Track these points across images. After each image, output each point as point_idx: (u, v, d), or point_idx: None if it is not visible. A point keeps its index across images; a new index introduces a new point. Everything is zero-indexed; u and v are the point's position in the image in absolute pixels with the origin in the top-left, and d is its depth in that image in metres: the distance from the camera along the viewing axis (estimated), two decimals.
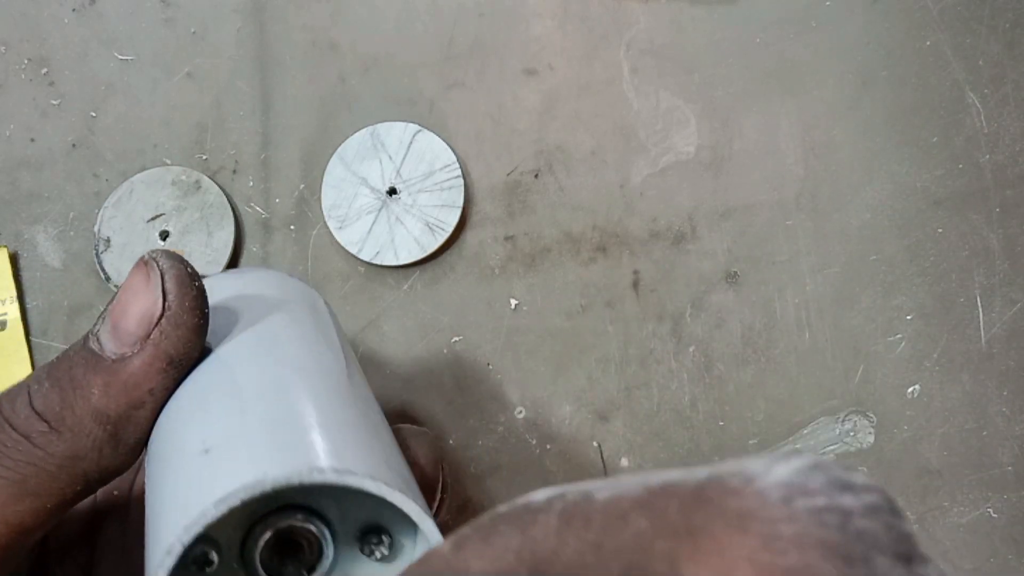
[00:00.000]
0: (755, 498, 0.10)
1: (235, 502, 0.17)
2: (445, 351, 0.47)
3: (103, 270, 0.46)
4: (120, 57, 0.48)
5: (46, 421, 0.20)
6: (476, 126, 0.48)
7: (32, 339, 0.46)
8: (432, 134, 0.47)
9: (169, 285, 0.21)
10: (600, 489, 0.11)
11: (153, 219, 0.46)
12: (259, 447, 0.18)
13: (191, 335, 0.21)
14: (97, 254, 0.46)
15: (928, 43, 0.48)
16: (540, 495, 0.11)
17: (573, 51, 0.48)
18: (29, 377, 0.21)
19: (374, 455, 0.19)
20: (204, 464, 0.18)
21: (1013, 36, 0.48)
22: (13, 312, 0.46)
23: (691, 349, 0.47)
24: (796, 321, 0.47)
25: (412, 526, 0.20)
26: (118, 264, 0.46)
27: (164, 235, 0.46)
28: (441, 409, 0.47)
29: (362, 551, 0.20)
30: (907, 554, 0.10)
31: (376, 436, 0.20)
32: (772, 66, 0.48)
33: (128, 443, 0.21)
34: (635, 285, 0.47)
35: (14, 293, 0.46)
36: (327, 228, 0.46)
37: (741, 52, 0.48)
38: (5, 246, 0.46)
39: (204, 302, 0.21)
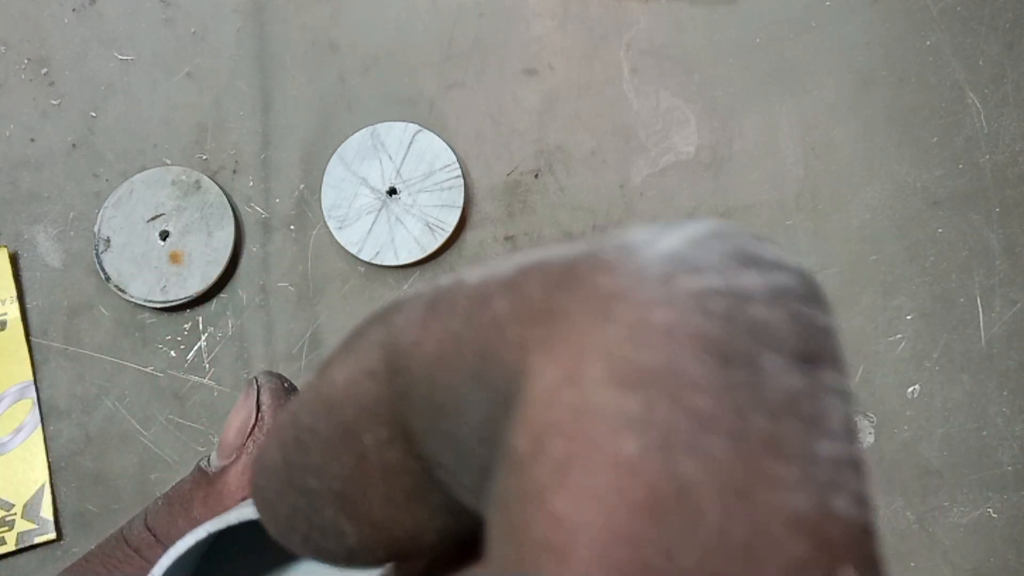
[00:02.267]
0: (630, 276, 0.08)
1: (202, 534, 0.18)
2: None
3: (103, 270, 0.46)
4: (120, 57, 0.48)
5: (154, 535, 0.21)
6: (476, 126, 0.48)
7: (32, 339, 0.46)
8: (432, 134, 0.47)
9: (263, 397, 0.22)
10: (474, 272, 0.09)
11: (153, 219, 0.46)
12: None
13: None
14: (97, 254, 0.46)
15: (928, 43, 0.48)
16: (412, 291, 0.10)
17: (573, 51, 0.48)
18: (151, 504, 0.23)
19: None
20: None
21: (1013, 36, 0.48)
22: (13, 312, 0.46)
23: None
24: None
25: None
26: (118, 264, 0.46)
27: (164, 235, 0.46)
28: None
29: None
30: (810, 354, 0.08)
31: None
32: (772, 66, 0.48)
33: None
34: None
35: (14, 293, 0.46)
36: (327, 228, 0.46)
37: (741, 52, 0.48)
38: (5, 246, 0.46)
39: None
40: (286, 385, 0.23)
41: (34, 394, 0.46)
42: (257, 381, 0.22)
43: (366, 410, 0.10)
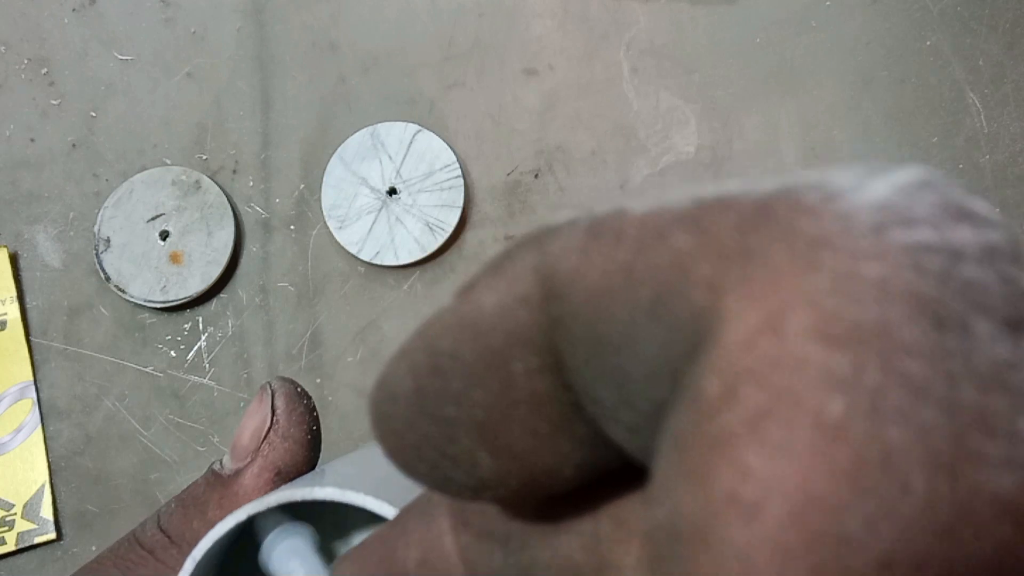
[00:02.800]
0: (836, 221, 0.07)
1: (242, 516, 0.19)
2: None
3: (103, 270, 0.46)
4: (120, 57, 0.48)
5: (168, 537, 0.22)
6: (476, 126, 0.48)
7: (32, 339, 0.46)
8: (432, 134, 0.47)
9: (278, 402, 0.22)
10: (640, 202, 0.09)
11: (153, 219, 0.46)
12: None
13: (298, 448, 0.22)
14: (97, 254, 0.46)
15: (928, 43, 0.48)
16: (564, 215, 0.09)
17: (573, 51, 0.48)
18: (163, 506, 0.23)
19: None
20: None
21: (1013, 36, 0.48)
22: (13, 312, 0.46)
23: None
24: None
25: None
26: (118, 264, 0.46)
27: (164, 235, 0.46)
28: None
29: None
30: (1018, 321, 0.07)
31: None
32: (772, 66, 0.48)
33: None
34: None
35: (14, 293, 0.46)
36: (327, 228, 0.46)
37: (741, 52, 0.48)
38: (5, 246, 0.46)
39: (312, 419, 0.23)
40: (299, 390, 0.23)
41: (34, 394, 0.46)
42: (271, 386, 0.23)
43: (517, 337, 0.09)
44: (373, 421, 0.11)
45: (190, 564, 0.19)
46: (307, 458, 0.23)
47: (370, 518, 0.20)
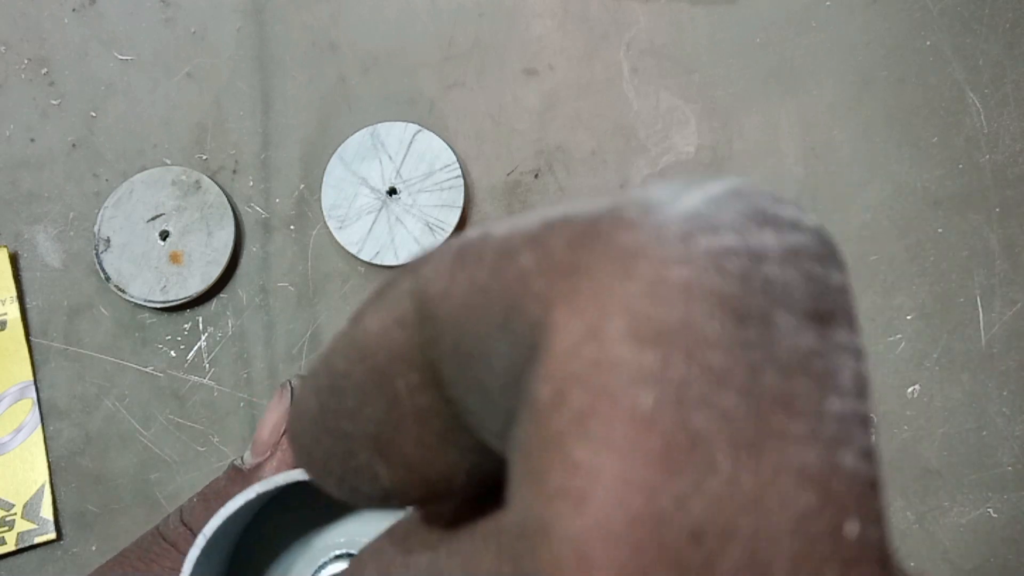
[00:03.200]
0: (650, 233, 0.08)
1: (251, 495, 0.20)
2: None
3: (103, 270, 0.46)
4: (120, 57, 0.48)
5: (191, 530, 0.22)
6: (476, 126, 0.48)
7: (32, 339, 0.46)
8: (432, 134, 0.47)
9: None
10: (500, 225, 0.09)
11: (153, 219, 0.46)
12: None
13: None
14: (97, 254, 0.46)
15: (928, 43, 0.48)
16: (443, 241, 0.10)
17: (573, 51, 0.48)
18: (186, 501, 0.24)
19: None
20: None
21: (1013, 36, 0.48)
22: (13, 312, 0.46)
23: None
24: None
25: None
26: (118, 264, 0.46)
27: (164, 235, 0.46)
28: None
29: None
30: (823, 313, 0.08)
31: None
32: (772, 66, 0.48)
33: None
34: None
35: (14, 293, 0.46)
36: (327, 228, 0.46)
37: (741, 52, 0.48)
38: (5, 246, 0.46)
39: None
40: None
41: (34, 394, 0.46)
42: (291, 383, 0.24)
43: (398, 356, 0.10)
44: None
45: (201, 540, 0.19)
46: None
47: None
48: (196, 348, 0.46)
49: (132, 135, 0.47)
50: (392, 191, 0.46)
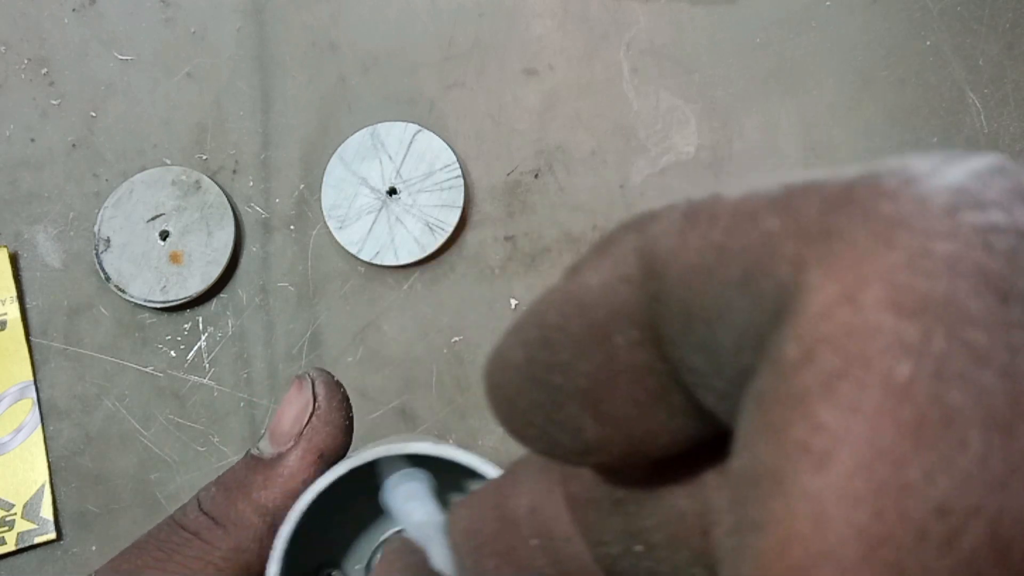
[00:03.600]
0: (912, 204, 0.08)
1: (332, 477, 0.21)
2: (445, 351, 0.47)
3: (103, 270, 0.46)
4: (120, 57, 0.48)
5: (213, 519, 0.22)
6: (476, 126, 0.48)
7: (32, 339, 0.46)
8: (432, 134, 0.47)
9: (318, 388, 0.24)
10: (732, 189, 0.09)
11: (153, 219, 0.46)
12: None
13: (338, 433, 0.24)
14: (97, 254, 0.46)
15: (928, 43, 0.48)
16: (663, 203, 0.10)
17: (573, 51, 0.48)
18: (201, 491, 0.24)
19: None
20: None
21: (1013, 36, 0.48)
22: (13, 312, 0.46)
23: None
24: None
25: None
26: (118, 264, 0.46)
27: (164, 235, 0.46)
28: (441, 409, 0.47)
29: None
30: None
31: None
32: (772, 66, 0.48)
33: None
34: None
35: (14, 293, 0.46)
36: (327, 228, 0.46)
37: (741, 52, 0.48)
38: (5, 246, 0.46)
39: (349, 406, 0.24)
40: (336, 379, 0.24)
41: (34, 394, 0.46)
42: (310, 375, 0.24)
43: (619, 312, 0.10)
44: (487, 390, 0.12)
45: (281, 543, 0.20)
46: (345, 443, 0.24)
47: (453, 478, 0.22)
48: (196, 348, 0.46)
49: (132, 135, 0.47)
50: (392, 191, 0.46)
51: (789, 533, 0.07)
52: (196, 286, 0.45)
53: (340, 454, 0.24)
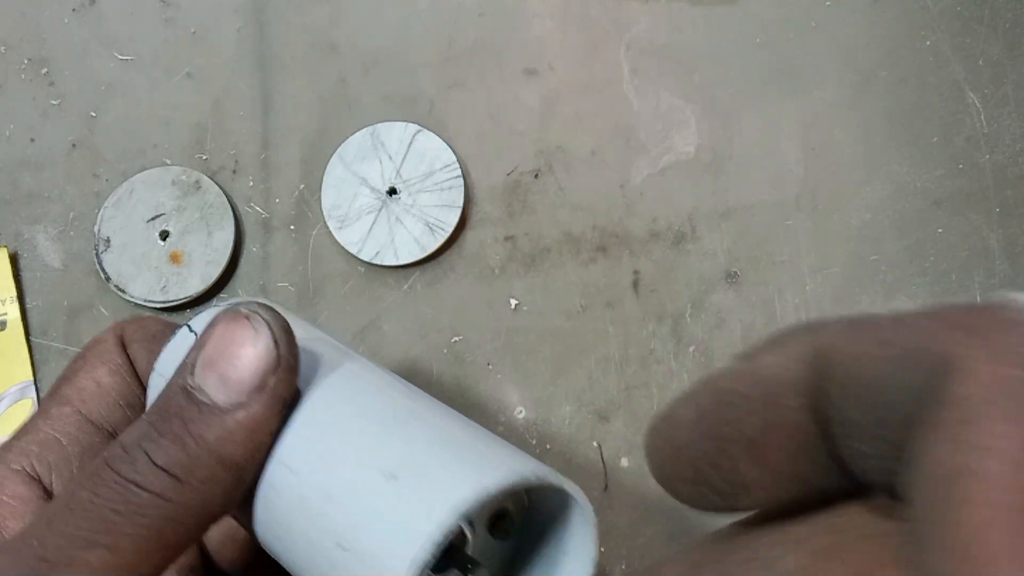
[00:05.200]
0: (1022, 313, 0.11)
1: (486, 496, 0.19)
2: (445, 351, 0.47)
3: (103, 270, 0.46)
4: (120, 57, 0.48)
5: (174, 476, 0.21)
6: (476, 126, 0.48)
7: (32, 339, 0.46)
8: (432, 134, 0.47)
9: (278, 334, 0.22)
10: (879, 314, 0.13)
11: (153, 219, 0.46)
12: (449, 467, 0.20)
13: (295, 377, 0.22)
14: (97, 254, 0.46)
15: (928, 43, 0.48)
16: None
17: (573, 51, 0.48)
18: (131, 437, 0.21)
19: (516, 454, 0.22)
20: (398, 488, 0.20)
21: (1013, 36, 0.48)
22: (13, 312, 0.46)
23: (691, 349, 0.47)
24: (796, 321, 0.47)
25: (523, 504, 0.24)
26: (118, 264, 0.46)
27: (164, 235, 0.46)
28: None
29: (492, 535, 0.23)
30: None
31: (485, 435, 0.23)
32: (772, 66, 0.48)
33: (248, 483, 0.22)
34: (635, 285, 0.47)
35: (14, 293, 0.46)
36: (327, 228, 0.46)
37: (741, 52, 0.48)
38: (5, 246, 0.46)
39: (296, 344, 0.23)
40: (283, 317, 0.22)
41: (34, 394, 0.46)
42: (261, 315, 0.22)
43: (788, 383, 0.13)
44: (651, 443, 0.15)
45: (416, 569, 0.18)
46: (296, 384, 0.23)
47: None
48: None
49: (132, 135, 0.47)
50: (392, 191, 0.46)
51: (981, 498, 0.10)
52: (196, 286, 0.45)
53: (295, 397, 0.22)
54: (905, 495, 0.12)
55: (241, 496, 0.22)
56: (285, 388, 0.22)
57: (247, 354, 0.21)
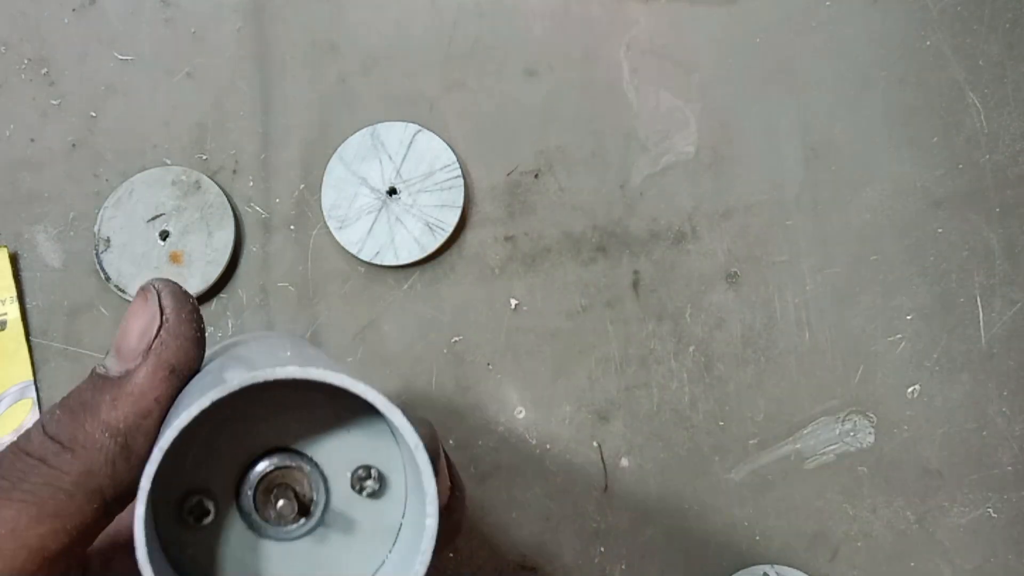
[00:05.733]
0: None
1: (205, 403, 0.19)
2: (445, 351, 0.47)
3: (103, 270, 0.46)
4: (120, 57, 0.48)
5: (59, 443, 0.21)
6: (476, 126, 0.48)
7: (32, 339, 0.46)
8: (432, 134, 0.47)
9: (165, 301, 0.22)
10: None
11: (153, 219, 0.46)
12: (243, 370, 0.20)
13: (189, 345, 0.22)
14: (97, 254, 0.46)
15: (928, 43, 0.48)
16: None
17: (573, 51, 0.48)
18: (43, 414, 0.23)
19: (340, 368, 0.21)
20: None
21: (1013, 36, 0.48)
22: (13, 312, 0.46)
23: (691, 349, 0.47)
24: (796, 321, 0.47)
25: (399, 461, 0.23)
26: (118, 264, 0.46)
27: (164, 235, 0.46)
28: (441, 409, 0.47)
29: (353, 489, 0.22)
30: None
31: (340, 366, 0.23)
32: (772, 66, 0.48)
33: (139, 453, 0.22)
34: (635, 285, 0.47)
35: (14, 293, 0.46)
36: (327, 228, 0.46)
37: (741, 52, 0.48)
38: (5, 246, 0.46)
39: (199, 317, 0.23)
40: (183, 290, 0.23)
41: (34, 394, 0.46)
42: (155, 286, 0.23)
43: None
44: None
45: (158, 454, 0.19)
46: (197, 356, 0.23)
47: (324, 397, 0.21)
48: None
49: (132, 135, 0.47)
50: (392, 191, 0.46)
51: None
52: (196, 286, 0.45)
53: (193, 368, 0.23)
54: None
55: (131, 468, 0.22)
56: (171, 354, 0.22)
57: (136, 322, 0.22)
